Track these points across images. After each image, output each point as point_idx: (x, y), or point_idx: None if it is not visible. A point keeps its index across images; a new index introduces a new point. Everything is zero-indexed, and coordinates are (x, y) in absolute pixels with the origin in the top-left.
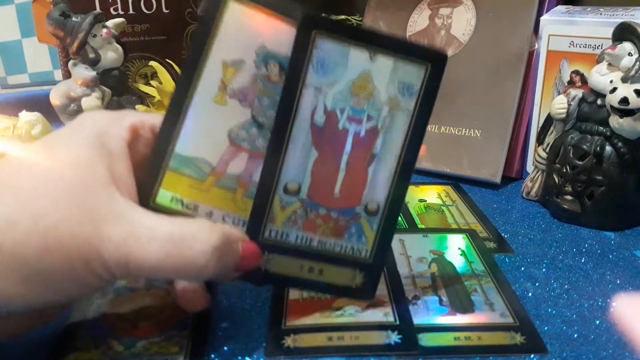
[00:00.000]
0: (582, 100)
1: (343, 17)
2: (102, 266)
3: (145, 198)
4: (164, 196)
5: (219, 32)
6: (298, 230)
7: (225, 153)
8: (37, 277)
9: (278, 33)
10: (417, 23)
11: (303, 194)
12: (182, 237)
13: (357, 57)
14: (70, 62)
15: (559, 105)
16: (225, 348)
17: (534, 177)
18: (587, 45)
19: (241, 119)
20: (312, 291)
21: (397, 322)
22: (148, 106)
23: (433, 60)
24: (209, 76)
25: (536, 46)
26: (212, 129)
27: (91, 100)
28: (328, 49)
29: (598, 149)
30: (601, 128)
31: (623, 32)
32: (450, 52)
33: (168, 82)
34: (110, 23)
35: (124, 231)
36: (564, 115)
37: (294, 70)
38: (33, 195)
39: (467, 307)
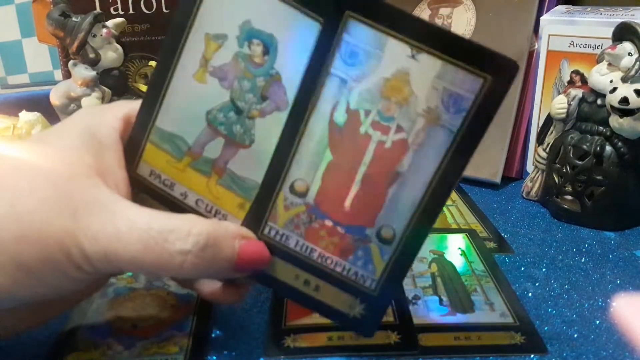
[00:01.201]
0: (582, 100)
1: None
2: (81, 256)
3: (129, 166)
4: (144, 169)
5: (204, 1)
6: (299, 236)
7: (202, 134)
8: (15, 266)
9: (264, 7)
10: None
11: (310, 198)
12: (162, 231)
13: (396, 51)
14: (70, 62)
15: (559, 105)
16: (225, 348)
17: (534, 177)
18: (587, 45)
19: (220, 100)
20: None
21: (397, 322)
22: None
23: (496, 72)
24: (191, 49)
25: (536, 46)
26: (190, 107)
27: (91, 100)
28: (361, 35)
29: (598, 148)
30: (601, 128)
31: (623, 32)
32: None
33: None
34: (110, 23)
35: (103, 221)
36: (564, 115)
37: (318, 54)
38: (12, 181)
39: (467, 307)
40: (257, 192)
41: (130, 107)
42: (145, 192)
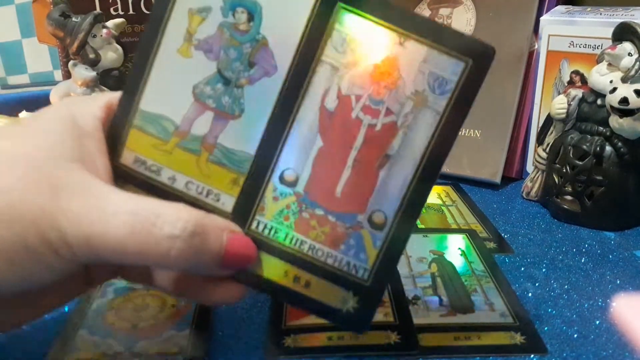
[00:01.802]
0: (582, 100)
1: None
2: (59, 239)
3: (112, 156)
4: (128, 157)
5: None
6: (289, 228)
7: (189, 111)
8: None
9: None
10: None
11: (300, 187)
12: (149, 215)
13: (384, 39)
14: (70, 63)
15: (559, 105)
16: (225, 348)
17: (534, 177)
18: (587, 45)
19: (206, 72)
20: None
21: (397, 322)
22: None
23: (476, 56)
24: (175, 25)
25: (536, 46)
26: (176, 83)
27: None
28: (352, 24)
29: (598, 149)
30: (601, 128)
31: (623, 32)
32: None
33: None
34: (110, 23)
35: (86, 202)
36: (563, 115)
37: (309, 42)
38: None
39: (467, 307)
40: (244, 182)
41: (113, 96)
42: (130, 181)
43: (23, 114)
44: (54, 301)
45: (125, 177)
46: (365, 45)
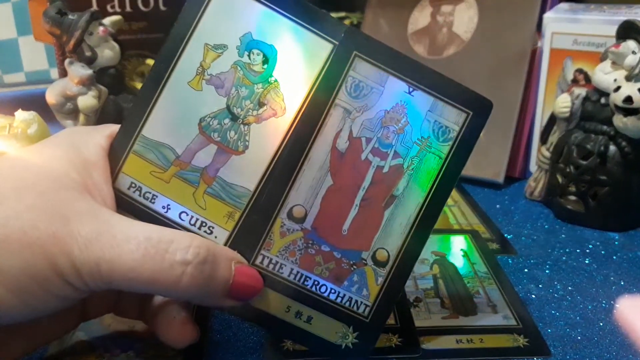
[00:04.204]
0: (586, 99)
1: (343, 14)
2: (69, 266)
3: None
4: (123, 181)
5: (207, 13)
6: (294, 264)
7: (193, 142)
8: None
9: (266, 22)
10: (418, 21)
11: (308, 223)
12: (161, 240)
13: (395, 88)
14: (67, 61)
15: (563, 104)
16: (224, 351)
17: (537, 177)
18: (590, 44)
19: (215, 107)
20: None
21: (399, 325)
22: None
23: (476, 109)
24: (189, 58)
25: (539, 44)
26: (183, 114)
27: (87, 99)
28: (366, 72)
29: (602, 148)
30: (605, 127)
31: (627, 30)
32: (451, 50)
33: None
34: (106, 21)
35: (97, 228)
36: (567, 114)
37: (325, 87)
38: None
39: (469, 309)
40: (253, 216)
41: (117, 127)
42: (123, 206)
43: (19, 113)
44: (47, 336)
45: (118, 202)
46: (377, 92)
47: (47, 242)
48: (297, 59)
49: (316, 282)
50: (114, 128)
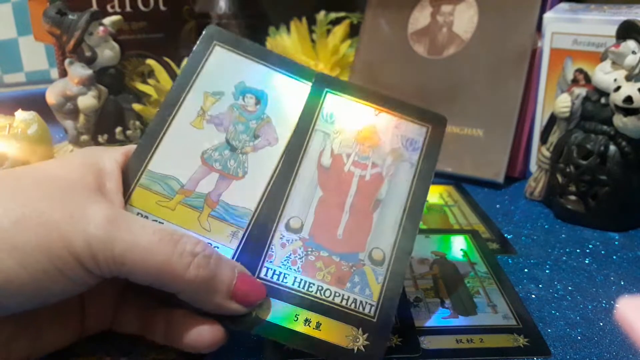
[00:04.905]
0: (586, 98)
1: (343, 14)
2: (83, 245)
3: None
4: (129, 212)
5: (205, 68)
6: (297, 272)
7: (196, 172)
8: (7, 250)
9: (255, 73)
10: (418, 21)
11: (305, 232)
12: (175, 233)
13: (363, 113)
14: (67, 61)
15: (563, 104)
16: (224, 351)
17: (538, 176)
18: (590, 44)
19: (215, 141)
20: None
21: (399, 325)
22: (145, 105)
23: (433, 122)
24: (190, 104)
25: (539, 44)
26: (187, 149)
27: (87, 99)
28: (337, 103)
29: (602, 148)
30: (605, 127)
31: (627, 30)
32: (452, 50)
33: (165, 81)
34: (107, 21)
35: (114, 213)
36: (567, 114)
37: (305, 117)
38: (16, 182)
39: (469, 309)
40: (253, 233)
41: (132, 146)
42: None
43: (19, 113)
44: (46, 344)
45: None
46: (349, 117)
47: (63, 221)
48: (284, 99)
49: (320, 287)
50: (129, 147)
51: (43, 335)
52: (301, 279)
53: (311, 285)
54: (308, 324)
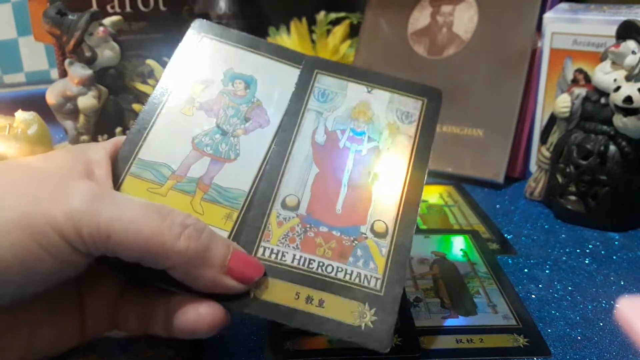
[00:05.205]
0: (586, 99)
1: (343, 14)
2: (67, 219)
3: None
4: None
5: (193, 58)
6: (296, 249)
7: (187, 157)
8: None
9: (243, 60)
10: (418, 21)
11: (302, 209)
12: (163, 207)
13: (355, 90)
14: (67, 61)
15: (563, 104)
16: (224, 351)
17: (538, 177)
18: (590, 44)
19: (206, 126)
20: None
21: (399, 325)
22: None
23: (429, 96)
24: (179, 92)
25: (539, 44)
26: (177, 135)
27: (87, 99)
28: (328, 83)
29: (602, 148)
30: (605, 127)
31: (627, 30)
32: (451, 50)
33: None
34: (107, 21)
35: (99, 189)
36: (567, 114)
37: (296, 98)
38: (1, 169)
39: (469, 309)
40: (249, 212)
41: (120, 137)
42: None
43: (19, 113)
44: (45, 345)
45: None
46: (341, 95)
47: (45, 197)
48: (274, 83)
49: (321, 263)
50: (117, 138)
51: (38, 335)
52: (300, 256)
53: (311, 261)
54: (310, 302)
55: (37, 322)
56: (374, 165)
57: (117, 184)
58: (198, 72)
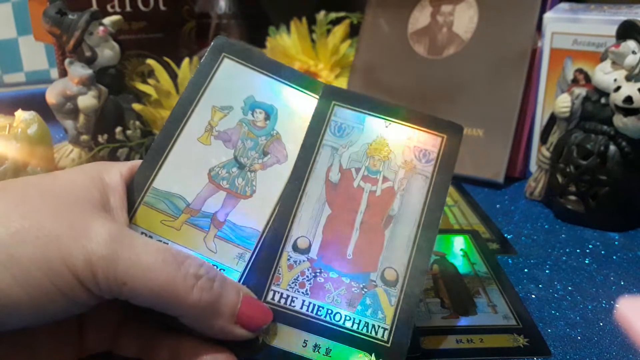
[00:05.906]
0: (586, 98)
1: (343, 14)
2: (83, 260)
3: None
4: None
5: (213, 81)
6: (305, 295)
7: (203, 190)
8: (6, 264)
9: (265, 87)
10: (418, 20)
11: (313, 253)
12: (179, 254)
13: (373, 124)
14: (67, 60)
15: (563, 104)
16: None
17: (538, 176)
18: (590, 44)
19: (223, 158)
20: None
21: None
22: (145, 105)
23: (449, 132)
24: (198, 118)
25: (539, 44)
26: (192, 166)
27: (87, 99)
28: (345, 116)
29: (602, 148)
30: (605, 127)
31: (627, 30)
32: (451, 50)
33: (165, 81)
34: (106, 20)
35: (117, 229)
36: (567, 114)
37: (312, 132)
38: (21, 193)
39: (469, 309)
40: (259, 254)
41: (137, 162)
42: None
43: (19, 113)
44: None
45: None
46: (358, 130)
47: (63, 234)
48: (294, 114)
49: (329, 311)
50: (137, 162)
51: (37, 357)
52: (309, 302)
53: (320, 308)
54: (317, 350)
55: (37, 343)
56: (387, 207)
57: (131, 211)
58: (218, 97)
